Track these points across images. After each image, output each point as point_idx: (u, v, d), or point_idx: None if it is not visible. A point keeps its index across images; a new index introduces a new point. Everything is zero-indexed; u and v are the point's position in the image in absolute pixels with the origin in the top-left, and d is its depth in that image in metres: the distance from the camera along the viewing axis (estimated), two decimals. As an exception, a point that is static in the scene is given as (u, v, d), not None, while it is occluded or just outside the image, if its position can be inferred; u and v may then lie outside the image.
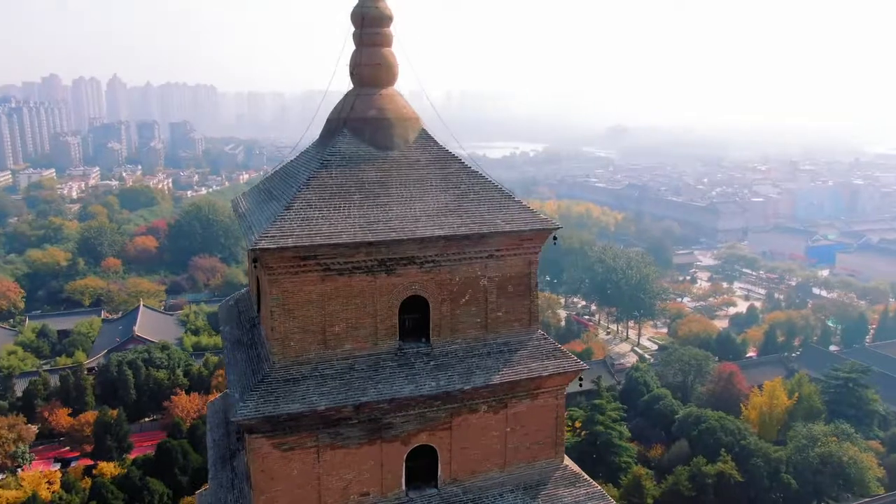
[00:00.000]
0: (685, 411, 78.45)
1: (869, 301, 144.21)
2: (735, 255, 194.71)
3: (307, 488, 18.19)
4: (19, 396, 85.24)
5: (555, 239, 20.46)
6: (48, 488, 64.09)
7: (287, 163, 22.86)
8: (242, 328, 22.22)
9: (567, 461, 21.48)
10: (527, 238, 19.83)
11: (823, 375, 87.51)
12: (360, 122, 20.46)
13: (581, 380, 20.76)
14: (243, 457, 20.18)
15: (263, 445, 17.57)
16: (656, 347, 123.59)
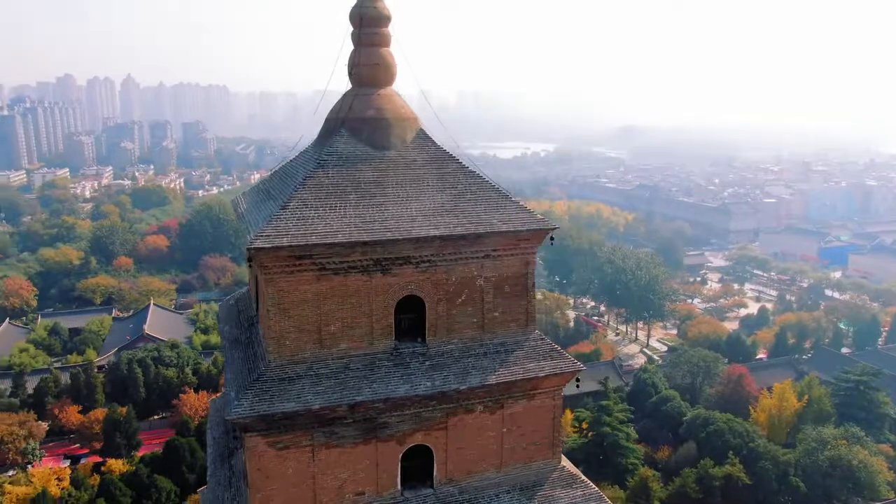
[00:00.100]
0: (693, 413, 78.05)
1: (882, 303, 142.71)
2: (746, 256, 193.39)
3: (302, 487, 18.23)
4: (30, 393, 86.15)
5: (552, 239, 20.37)
6: (58, 485, 64.88)
7: (286, 163, 22.93)
8: (241, 327, 22.32)
9: (565, 462, 21.39)
10: (523, 238, 19.76)
11: (834, 378, 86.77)
12: (358, 121, 20.47)
13: (578, 381, 20.70)
14: (241, 455, 20.23)
15: (259, 444, 17.63)
16: (665, 349, 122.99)
